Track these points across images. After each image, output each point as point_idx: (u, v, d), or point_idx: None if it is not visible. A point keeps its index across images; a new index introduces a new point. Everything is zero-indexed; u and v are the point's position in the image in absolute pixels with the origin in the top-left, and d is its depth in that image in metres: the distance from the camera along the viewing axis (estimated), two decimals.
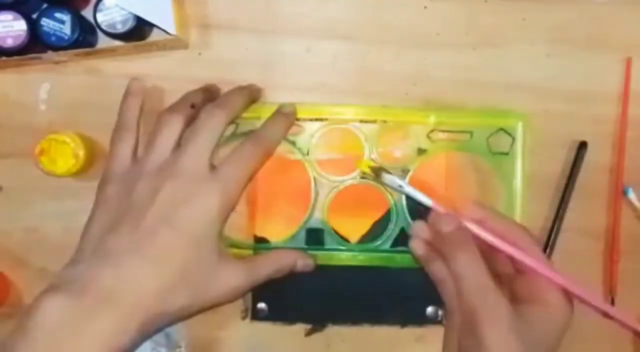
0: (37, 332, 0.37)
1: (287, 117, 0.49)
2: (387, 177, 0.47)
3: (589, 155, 0.51)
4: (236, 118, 0.47)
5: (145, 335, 0.40)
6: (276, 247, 0.50)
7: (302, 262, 0.48)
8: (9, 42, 0.47)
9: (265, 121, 0.48)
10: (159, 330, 0.42)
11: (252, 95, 0.49)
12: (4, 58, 0.48)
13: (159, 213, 0.41)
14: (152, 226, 0.41)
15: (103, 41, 0.49)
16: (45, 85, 0.51)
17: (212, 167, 0.44)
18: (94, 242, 0.42)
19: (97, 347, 0.38)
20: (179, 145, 0.44)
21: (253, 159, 0.45)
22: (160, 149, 0.44)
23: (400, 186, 0.46)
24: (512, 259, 0.44)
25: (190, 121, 0.45)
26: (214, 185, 0.43)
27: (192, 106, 0.46)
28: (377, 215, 0.50)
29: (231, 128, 0.49)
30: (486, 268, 0.42)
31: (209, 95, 0.48)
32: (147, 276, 0.40)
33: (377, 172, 0.48)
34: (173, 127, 0.44)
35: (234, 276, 0.44)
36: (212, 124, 0.44)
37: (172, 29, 0.48)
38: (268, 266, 0.46)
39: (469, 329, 0.41)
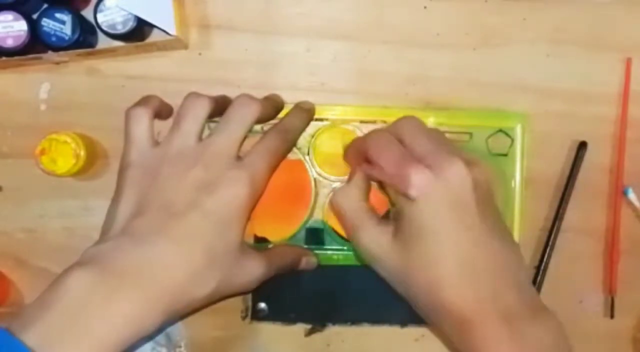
0: (58, 307, 0.37)
1: (307, 112, 0.49)
2: None
3: (589, 155, 0.51)
4: (262, 121, 0.47)
5: (170, 318, 0.40)
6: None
7: (307, 259, 0.49)
8: (9, 42, 0.47)
9: (285, 115, 0.49)
10: (184, 315, 0.42)
11: (278, 105, 0.49)
12: (4, 58, 0.48)
13: (187, 198, 0.41)
14: (180, 210, 0.41)
15: (103, 41, 0.49)
16: (45, 85, 0.51)
17: (238, 158, 0.44)
18: (120, 223, 0.42)
19: (118, 328, 0.37)
20: (202, 130, 0.44)
21: (277, 151, 0.46)
22: (185, 134, 0.44)
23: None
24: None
25: (215, 112, 0.45)
26: (242, 173, 0.43)
27: (216, 101, 0.46)
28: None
29: None
30: (358, 200, 0.46)
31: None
32: (175, 259, 0.40)
33: None
34: (198, 112, 0.44)
35: (256, 266, 0.44)
36: (244, 114, 0.45)
37: (172, 30, 0.48)
38: (280, 260, 0.47)
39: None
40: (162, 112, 0.47)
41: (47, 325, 0.36)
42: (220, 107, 0.46)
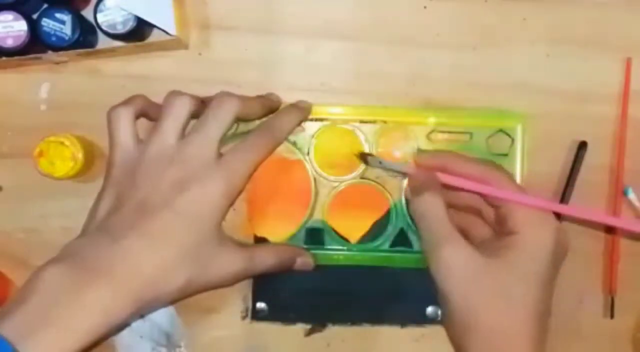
0: (32, 299, 0.38)
1: (300, 110, 0.49)
2: (370, 159, 0.49)
3: (589, 155, 0.51)
4: (248, 118, 0.47)
5: (141, 311, 0.41)
6: None
7: (302, 260, 0.49)
8: (9, 42, 0.47)
9: (277, 112, 0.49)
10: (156, 307, 0.43)
11: (270, 104, 0.49)
12: (4, 58, 0.48)
13: (161, 196, 0.42)
14: (154, 208, 0.42)
15: (103, 41, 0.49)
16: (45, 85, 0.51)
17: (219, 155, 0.44)
18: (98, 221, 0.43)
19: (91, 318, 0.38)
20: (184, 129, 0.44)
21: (260, 148, 0.46)
22: (165, 134, 0.44)
23: (380, 163, 0.48)
24: (483, 196, 0.46)
25: (200, 110, 0.45)
26: (219, 172, 0.43)
27: (202, 101, 0.45)
28: (377, 215, 0.50)
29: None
30: (446, 211, 0.45)
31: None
32: (145, 254, 0.41)
33: (364, 158, 0.49)
34: (178, 111, 0.44)
35: (233, 262, 0.44)
36: (221, 111, 0.45)
37: (172, 30, 0.48)
38: (267, 258, 0.47)
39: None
40: (149, 111, 0.46)
41: (22, 316, 0.37)
42: (206, 106, 0.45)
